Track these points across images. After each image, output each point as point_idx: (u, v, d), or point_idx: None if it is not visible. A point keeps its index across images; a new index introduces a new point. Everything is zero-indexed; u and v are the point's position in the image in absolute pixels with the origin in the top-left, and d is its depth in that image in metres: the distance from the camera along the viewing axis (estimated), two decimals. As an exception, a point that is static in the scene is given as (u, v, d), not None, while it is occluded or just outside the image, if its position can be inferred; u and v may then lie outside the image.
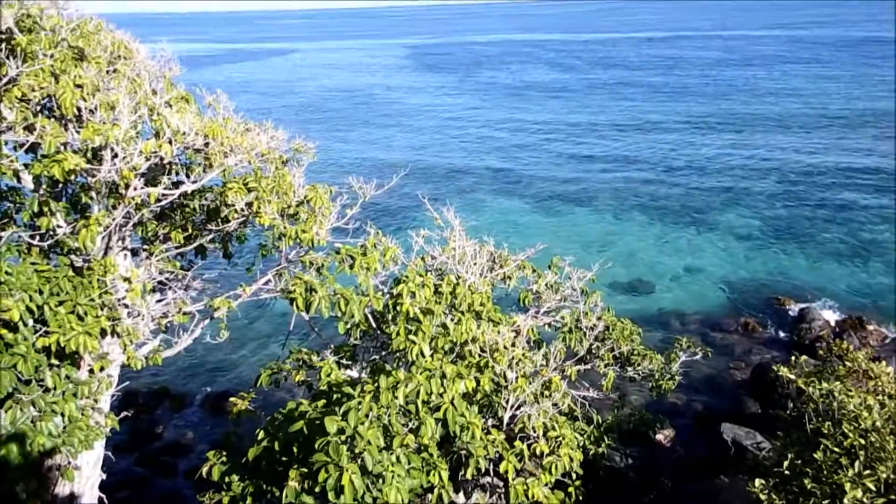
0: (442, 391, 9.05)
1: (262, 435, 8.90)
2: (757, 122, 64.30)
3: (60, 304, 8.63)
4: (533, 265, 13.47)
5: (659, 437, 19.03)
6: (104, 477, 10.67)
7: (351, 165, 53.10)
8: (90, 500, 10.26)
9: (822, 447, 9.89)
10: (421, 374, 9.01)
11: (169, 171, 10.51)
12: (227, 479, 9.00)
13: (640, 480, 16.95)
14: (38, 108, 9.74)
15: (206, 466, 9.21)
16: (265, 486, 8.76)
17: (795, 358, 13.29)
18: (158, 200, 10.03)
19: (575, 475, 10.22)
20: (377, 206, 38.38)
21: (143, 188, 9.81)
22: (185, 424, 22.25)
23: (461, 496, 10.99)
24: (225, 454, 9.33)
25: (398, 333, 9.67)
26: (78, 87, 9.32)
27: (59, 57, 9.62)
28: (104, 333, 9.14)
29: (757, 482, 10.23)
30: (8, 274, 8.26)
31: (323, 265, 10.46)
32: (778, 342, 25.74)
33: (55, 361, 8.75)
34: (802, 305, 27.96)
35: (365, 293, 10.15)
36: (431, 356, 9.60)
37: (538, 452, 9.92)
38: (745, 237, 36.41)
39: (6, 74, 9.12)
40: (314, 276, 10.17)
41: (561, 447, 10.03)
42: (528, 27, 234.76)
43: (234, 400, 11.09)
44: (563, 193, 45.54)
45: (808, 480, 9.73)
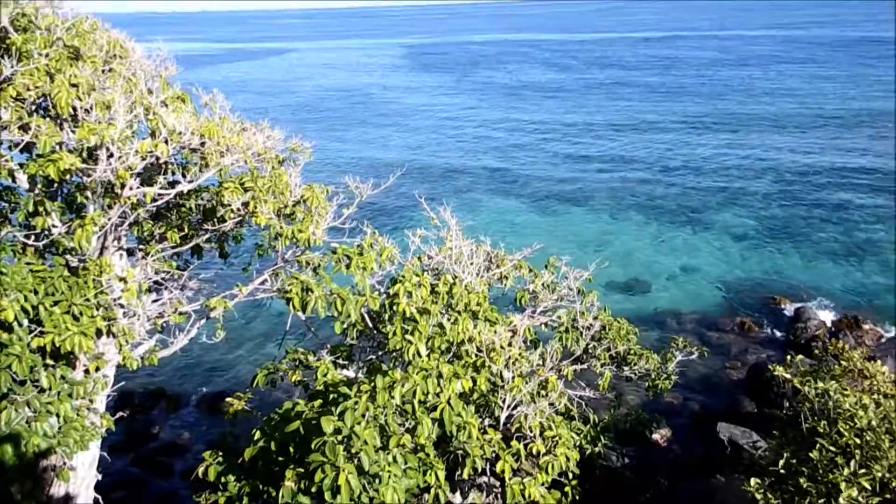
0: (438, 391, 9.05)
1: (258, 435, 8.89)
2: (753, 121, 64.47)
3: (56, 304, 8.61)
4: (529, 265, 13.47)
5: (655, 436, 19.06)
6: (100, 477, 10.64)
7: (347, 165, 53.06)
8: (85, 500, 10.23)
9: (817, 446, 9.92)
10: (417, 373, 9.01)
11: (165, 170, 10.49)
12: (223, 479, 8.98)
13: (636, 480, 16.98)
14: (33, 107, 9.70)
15: (202, 467, 9.19)
16: (262, 486, 8.74)
17: (791, 357, 13.32)
18: (154, 200, 10.00)
19: (571, 475, 10.22)
20: (374, 205, 38.33)
21: (138, 188, 9.78)
22: (181, 425, 22.21)
23: (458, 496, 10.99)
24: (221, 454, 9.31)
25: (395, 333, 9.67)
26: (73, 86, 9.29)
27: (54, 56, 9.59)
28: (100, 333, 9.11)
29: (753, 481, 10.26)
30: (3, 274, 8.24)
31: (319, 265, 10.44)
32: (774, 342, 25.81)
33: (50, 362, 8.72)
34: (798, 305, 28.04)
35: (361, 293, 10.14)
36: (428, 356, 9.59)
37: (535, 452, 9.91)
38: (741, 237, 36.50)
39: (1, 73, 9.09)
40: (311, 275, 10.16)
41: (557, 447, 10.03)
42: (525, 27, 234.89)
43: (230, 400, 11.08)
44: (559, 193, 45.58)
45: (803, 479, 9.76)
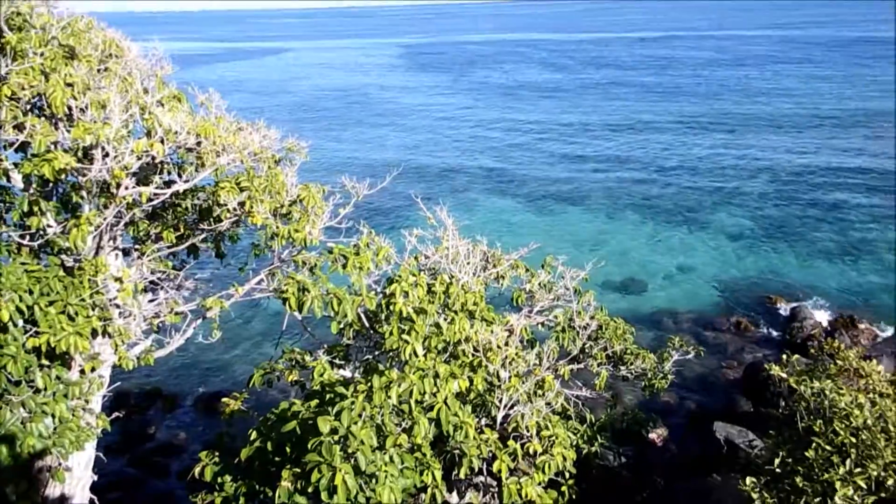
0: (435, 391, 9.04)
1: (254, 435, 8.87)
2: (749, 121, 64.62)
3: (51, 304, 8.57)
4: (526, 264, 13.48)
5: (652, 435, 19.09)
6: (95, 478, 10.61)
7: (344, 165, 53.01)
8: (81, 501, 10.20)
9: (813, 445, 9.94)
10: (414, 373, 9.00)
11: (161, 170, 10.47)
12: (219, 479, 8.97)
13: (633, 479, 17.01)
14: (28, 106, 9.66)
15: (198, 467, 9.18)
16: (258, 486, 8.73)
17: (787, 357, 13.34)
18: (150, 200, 9.97)
19: (568, 474, 10.23)
20: (370, 205, 38.32)
21: (134, 187, 9.75)
22: (177, 425, 22.17)
23: (454, 496, 10.98)
24: (217, 455, 9.29)
25: (391, 333, 9.66)
26: (68, 85, 9.26)
27: (49, 55, 9.55)
28: (95, 334, 9.09)
29: (749, 480, 10.28)
30: (-3, 274, 8.20)
31: (316, 265, 10.43)
32: (770, 341, 25.88)
33: (46, 362, 8.69)
34: (794, 304, 28.12)
35: (358, 293, 10.13)
36: (425, 356, 9.59)
37: (531, 451, 9.92)
38: (736, 236, 36.57)
39: (-4, 73, 9.06)
40: (307, 275, 10.14)
41: (554, 446, 10.03)
42: (521, 27, 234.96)
43: (226, 400, 11.04)
44: (555, 193, 45.63)
45: (799, 478, 9.78)
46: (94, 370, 9.47)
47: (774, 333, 26.39)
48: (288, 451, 8.51)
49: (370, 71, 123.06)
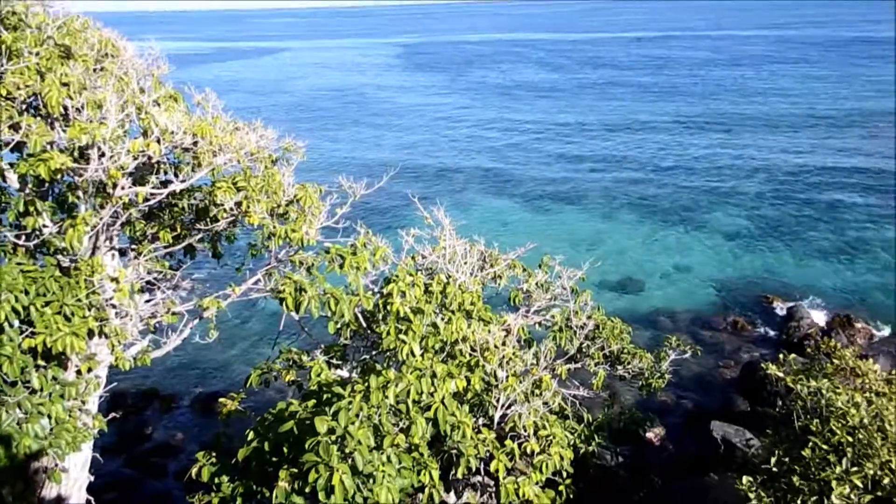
0: (432, 390, 9.04)
1: (251, 435, 8.85)
2: (745, 121, 64.74)
3: (47, 304, 8.55)
4: (523, 264, 13.49)
5: (649, 435, 19.11)
6: (92, 479, 10.58)
7: (341, 165, 52.97)
8: (78, 501, 10.17)
9: (809, 444, 9.95)
10: (411, 373, 9.00)
11: (157, 170, 10.43)
12: (216, 480, 8.95)
13: (630, 478, 17.03)
14: (23, 106, 9.64)
15: (195, 467, 9.16)
16: (255, 486, 8.71)
17: (784, 356, 13.35)
18: (146, 200, 9.95)
19: (565, 473, 10.24)
20: (367, 205, 38.28)
21: (130, 187, 9.73)
22: (174, 425, 22.12)
23: (452, 495, 10.98)
24: (214, 455, 9.27)
25: (388, 333, 9.66)
26: (64, 85, 9.24)
27: (44, 55, 9.53)
28: (91, 334, 9.06)
29: (745, 479, 10.29)
30: (-7, 274, 8.17)
31: (313, 265, 10.42)
32: (767, 340, 25.92)
33: (42, 362, 8.66)
34: (791, 304, 28.17)
35: (355, 293, 10.13)
36: (422, 355, 9.59)
37: (529, 451, 9.92)
38: (733, 236, 36.64)
39: (-9, 72, 9.03)
40: (304, 275, 10.13)
41: (551, 446, 10.05)
42: (518, 27, 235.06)
43: (223, 400, 11.02)
44: (552, 193, 45.65)
45: (796, 477, 9.80)
46: (90, 371, 9.44)
47: (771, 333, 26.44)
48: (285, 451, 8.50)
49: (367, 70, 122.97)
